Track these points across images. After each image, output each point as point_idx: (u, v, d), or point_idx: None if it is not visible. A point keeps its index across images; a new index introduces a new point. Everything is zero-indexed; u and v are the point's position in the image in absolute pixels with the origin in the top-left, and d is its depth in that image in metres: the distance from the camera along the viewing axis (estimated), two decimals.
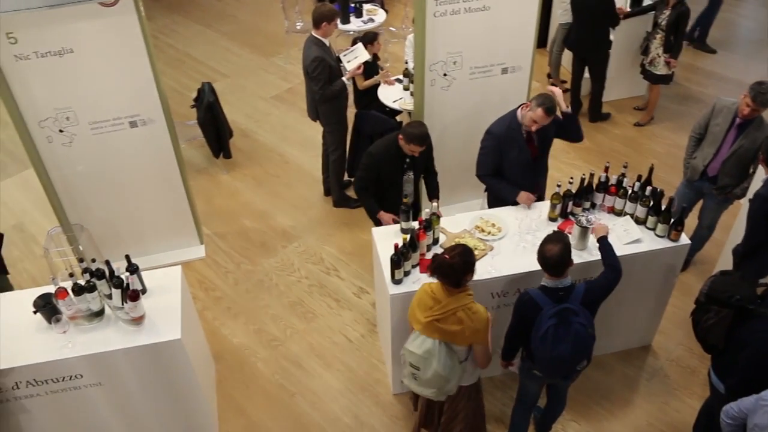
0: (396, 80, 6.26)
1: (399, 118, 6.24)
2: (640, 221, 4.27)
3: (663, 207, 4.16)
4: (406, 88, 6.07)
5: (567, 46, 7.14)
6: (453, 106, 5.26)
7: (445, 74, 5.07)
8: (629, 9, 6.92)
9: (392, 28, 8.87)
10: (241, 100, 7.84)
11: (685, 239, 4.22)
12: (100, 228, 5.15)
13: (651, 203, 4.19)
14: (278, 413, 4.50)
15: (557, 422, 4.24)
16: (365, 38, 6.02)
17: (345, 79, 5.50)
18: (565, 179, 4.35)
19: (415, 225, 4.08)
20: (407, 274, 4.00)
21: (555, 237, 3.40)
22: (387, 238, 4.16)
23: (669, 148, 6.82)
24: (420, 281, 3.94)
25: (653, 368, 4.73)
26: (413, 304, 3.52)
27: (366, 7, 7.77)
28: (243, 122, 7.43)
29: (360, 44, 5.76)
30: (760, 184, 4.02)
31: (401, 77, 6.22)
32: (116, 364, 3.69)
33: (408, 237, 3.92)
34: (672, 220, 4.14)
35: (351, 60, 5.61)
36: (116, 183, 5.11)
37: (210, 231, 5.97)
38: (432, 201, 4.24)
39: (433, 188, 4.90)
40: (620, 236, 4.16)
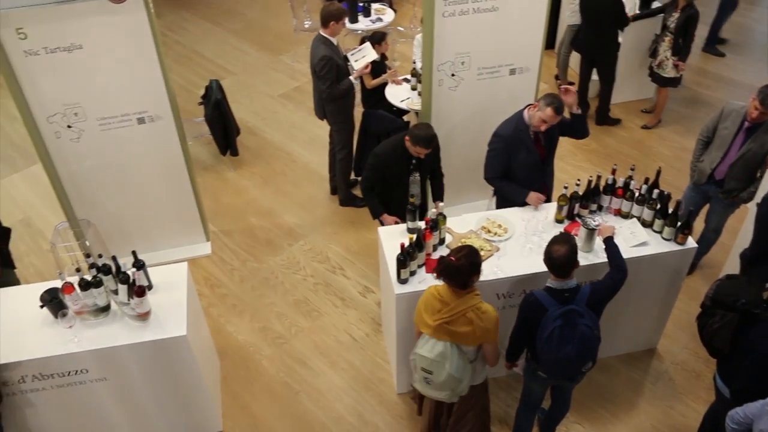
0: (404, 80, 6.27)
1: (406, 118, 6.24)
2: (647, 224, 4.26)
3: (670, 210, 4.14)
4: (414, 88, 6.08)
5: (575, 48, 7.12)
6: (460, 107, 5.25)
7: (453, 74, 5.06)
8: (638, 11, 6.90)
9: (400, 28, 8.86)
10: (249, 98, 7.85)
11: (692, 243, 4.20)
12: (107, 224, 5.16)
13: (658, 206, 4.18)
14: (282, 411, 4.51)
15: (561, 424, 4.23)
16: (373, 38, 6.01)
17: (352, 78, 5.51)
18: (572, 181, 4.34)
19: (422, 225, 4.07)
20: (413, 274, 4.00)
21: (562, 238, 3.40)
22: (393, 238, 4.16)
23: (676, 152, 6.80)
24: (426, 281, 3.94)
25: (658, 372, 4.71)
26: (419, 308, 3.49)
27: (374, 7, 7.76)
28: (250, 120, 7.44)
29: (368, 43, 5.77)
30: None
31: (409, 77, 6.23)
32: (122, 360, 3.71)
33: (414, 237, 3.93)
34: (679, 224, 4.12)
35: (358, 59, 5.62)
36: (123, 179, 5.13)
37: (216, 228, 5.98)
38: (436, 203, 4.23)
39: (439, 190, 4.90)
40: (627, 239, 4.15)
